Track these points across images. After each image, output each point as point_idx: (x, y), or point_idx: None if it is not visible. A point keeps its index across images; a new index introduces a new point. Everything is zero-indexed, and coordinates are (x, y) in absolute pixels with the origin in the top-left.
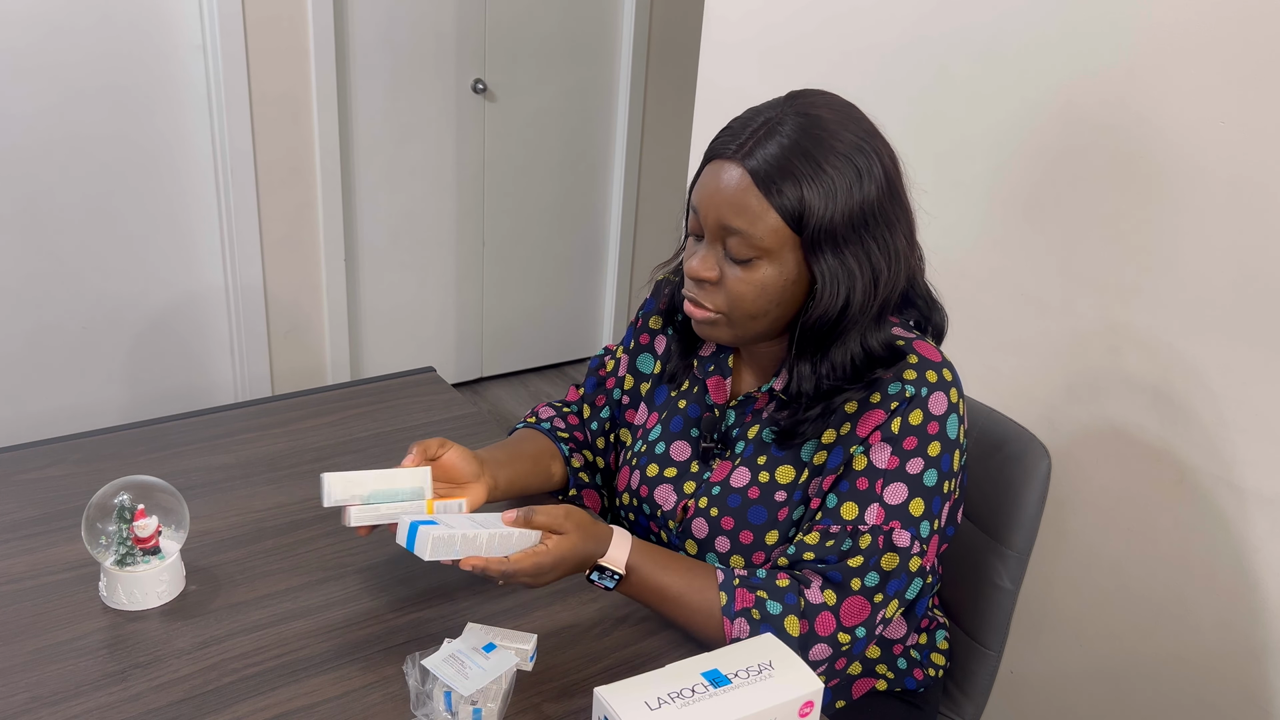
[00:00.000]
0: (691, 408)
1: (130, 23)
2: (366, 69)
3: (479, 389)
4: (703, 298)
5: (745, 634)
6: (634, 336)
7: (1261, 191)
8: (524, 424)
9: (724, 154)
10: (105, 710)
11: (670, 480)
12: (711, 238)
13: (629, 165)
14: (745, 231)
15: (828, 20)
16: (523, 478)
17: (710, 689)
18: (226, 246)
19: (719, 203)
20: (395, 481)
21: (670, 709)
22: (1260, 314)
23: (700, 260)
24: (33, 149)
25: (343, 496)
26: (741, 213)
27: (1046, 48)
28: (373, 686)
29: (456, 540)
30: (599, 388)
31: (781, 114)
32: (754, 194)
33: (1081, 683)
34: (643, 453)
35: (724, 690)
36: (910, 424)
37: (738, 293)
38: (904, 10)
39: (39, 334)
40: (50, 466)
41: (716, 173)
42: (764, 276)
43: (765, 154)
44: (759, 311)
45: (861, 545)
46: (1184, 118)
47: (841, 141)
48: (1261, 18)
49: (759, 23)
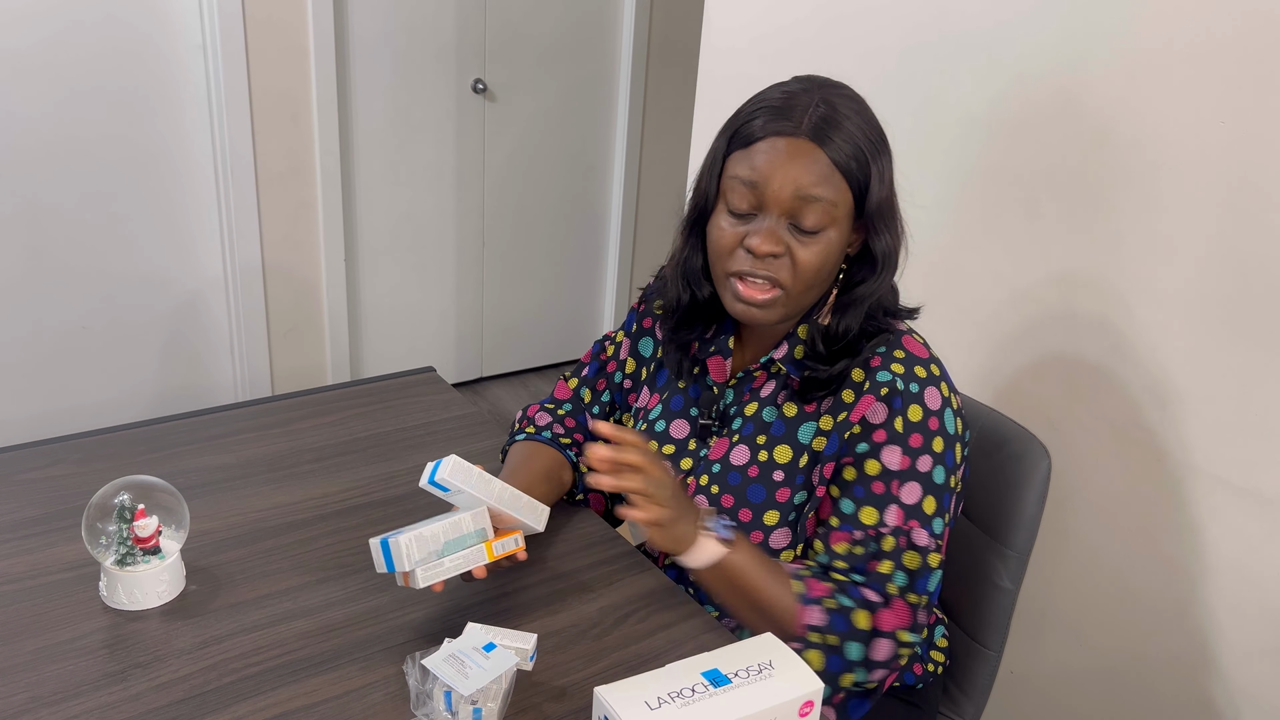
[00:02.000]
0: (692, 388)
1: (130, 23)
2: (366, 69)
3: (479, 389)
4: (771, 271)
5: (818, 621)
6: (636, 320)
7: (1261, 192)
8: (523, 434)
9: (784, 132)
10: (105, 710)
11: (669, 457)
12: (779, 211)
13: (629, 165)
14: (826, 200)
15: (829, 22)
16: (548, 497)
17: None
18: (226, 246)
19: (796, 174)
20: (461, 529)
21: (670, 709)
22: (1260, 314)
23: (765, 235)
24: (33, 149)
25: (420, 557)
26: (822, 182)
27: (1046, 49)
28: (373, 686)
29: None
30: (600, 372)
31: (825, 94)
32: (831, 166)
33: (1081, 683)
34: (643, 431)
35: (724, 690)
36: (911, 421)
37: (805, 262)
38: (905, 12)
39: (39, 334)
40: (50, 466)
41: (784, 148)
42: (829, 245)
43: (834, 130)
44: (818, 280)
45: (885, 548)
46: (1184, 119)
47: (878, 123)
48: (1261, 18)
49: (759, 23)
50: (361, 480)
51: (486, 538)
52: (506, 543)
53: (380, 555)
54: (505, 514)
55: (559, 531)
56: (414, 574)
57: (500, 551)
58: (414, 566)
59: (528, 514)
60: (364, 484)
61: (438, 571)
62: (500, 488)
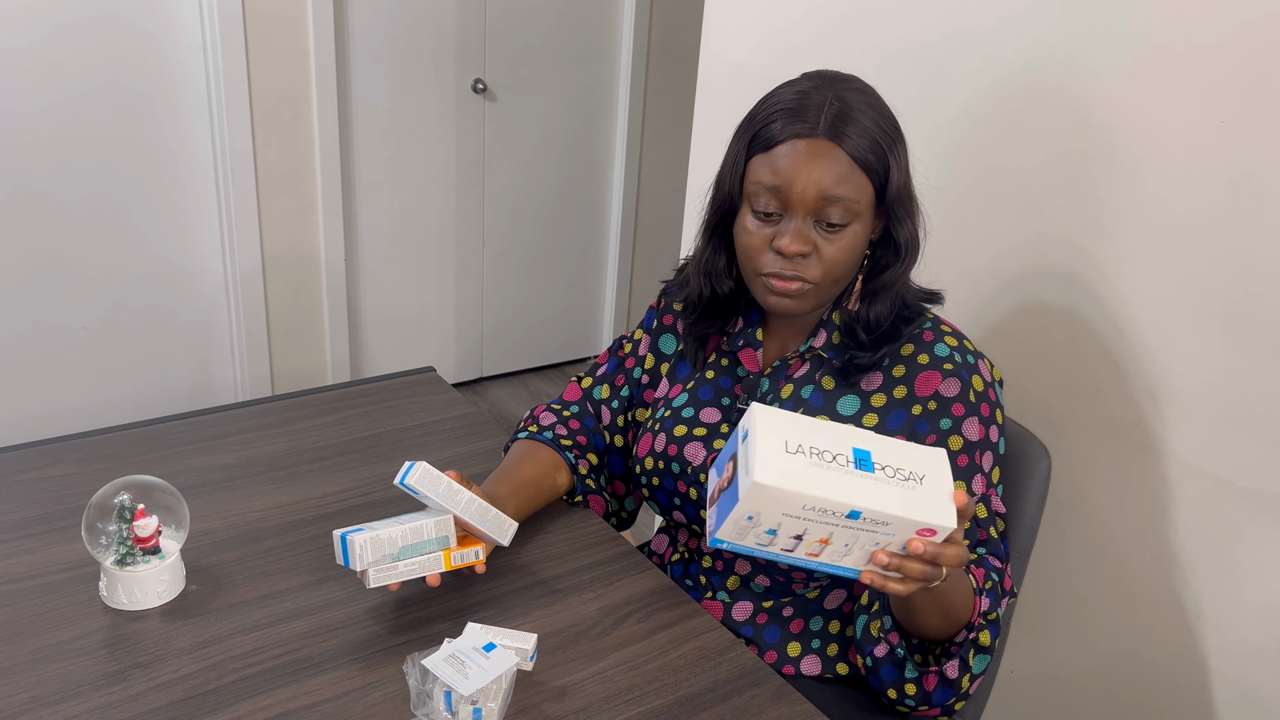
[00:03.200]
0: (722, 379)
1: (130, 21)
2: (366, 69)
3: (479, 389)
4: (800, 271)
5: (986, 607)
6: (657, 318)
7: (1261, 192)
8: (525, 432)
9: (802, 133)
10: (105, 710)
11: (700, 439)
12: (804, 211)
13: (629, 165)
14: (849, 198)
15: (830, 22)
16: (529, 503)
17: (851, 466)
18: (226, 246)
19: (818, 176)
20: (422, 534)
21: (801, 459)
22: (1260, 314)
23: (793, 236)
24: (33, 148)
25: (374, 558)
26: (843, 180)
27: (1045, 47)
28: (373, 686)
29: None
30: (619, 368)
31: (837, 91)
32: (850, 163)
33: (1081, 683)
34: (667, 417)
35: (862, 475)
36: (978, 391)
37: (833, 258)
38: (905, 12)
39: (39, 334)
40: (50, 466)
41: (804, 150)
42: (854, 239)
43: (849, 128)
44: (845, 273)
45: (980, 516)
46: (1184, 118)
47: (891, 113)
48: (1261, 18)
49: (759, 23)
50: (361, 480)
51: (448, 545)
52: (467, 554)
53: (339, 548)
54: (470, 525)
55: (559, 531)
56: (367, 573)
57: (459, 561)
58: (366, 567)
59: (492, 528)
60: (364, 484)
61: (391, 574)
62: (468, 499)
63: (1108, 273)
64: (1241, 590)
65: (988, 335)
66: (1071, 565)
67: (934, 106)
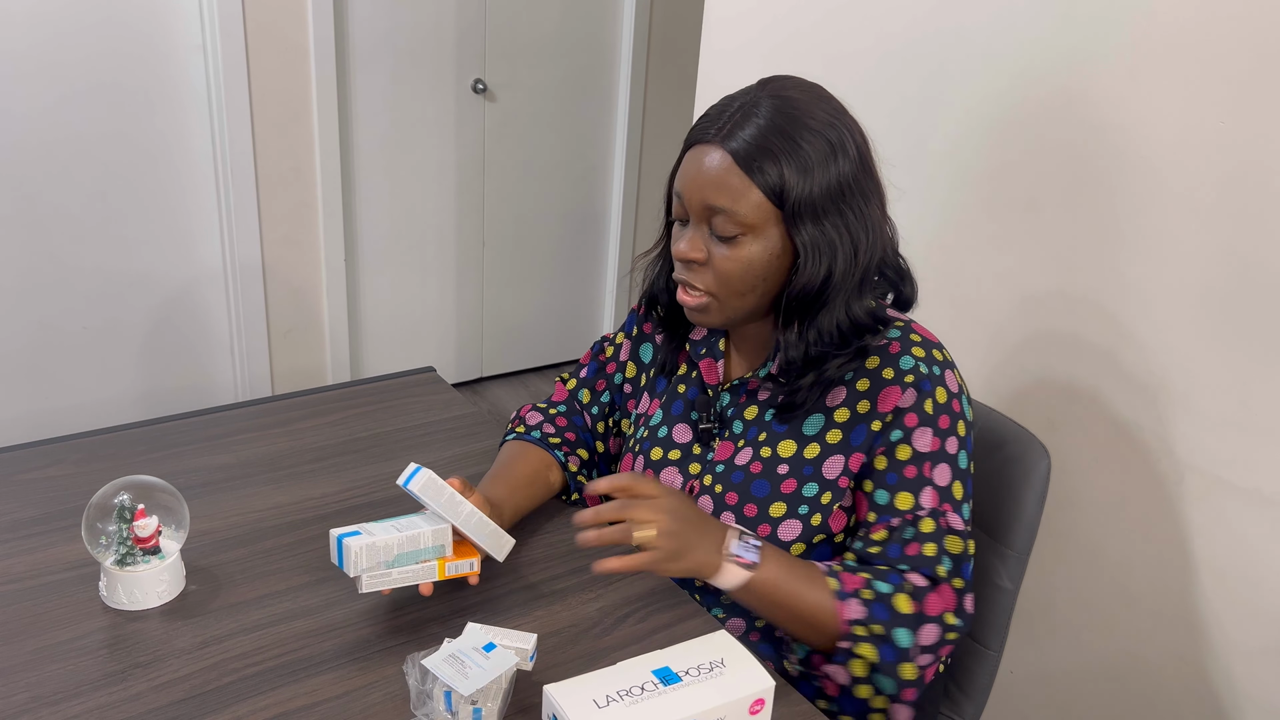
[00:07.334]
0: (691, 390)
1: (131, 23)
2: (366, 69)
3: (479, 389)
4: (693, 279)
5: (857, 614)
6: (636, 324)
7: (1261, 191)
8: (513, 434)
9: (704, 139)
10: (105, 710)
11: (675, 463)
12: (697, 219)
13: (629, 165)
14: (730, 209)
15: (827, 17)
16: (526, 504)
17: (660, 687)
18: (226, 246)
19: (703, 184)
20: (419, 543)
21: (618, 707)
22: (1260, 314)
23: (688, 242)
24: (33, 149)
25: (368, 565)
26: (725, 191)
27: (1045, 46)
28: (373, 686)
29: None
30: (599, 373)
31: (755, 98)
32: (736, 173)
33: (1081, 683)
34: (645, 439)
35: (674, 688)
36: (939, 403)
37: (725, 270)
38: (904, 8)
39: (39, 334)
40: (50, 466)
41: (699, 157)
42: (749, 252)
43: (744, 135)
44: (746, 288)
45: (925, 530)
46: (1184, 118)
47: (814, 119)
48: (1261, 18)
49: (759, 22)
50: (361, 480)
51: (444, 555)
52: (461, 564)
53: (335, 549)
54: (469, 539)
55: (559, 531)
56: (360, 579)
57: (453, 572)
58: (360, 573)
59: (490, 543)
60: (364, 484)
61: (384, 581)
62: (469, 512)
63: (1108, 272)
64: (1241, 590)
65: (987, 335)
66: (1071, 565)
67: (934, 104)
